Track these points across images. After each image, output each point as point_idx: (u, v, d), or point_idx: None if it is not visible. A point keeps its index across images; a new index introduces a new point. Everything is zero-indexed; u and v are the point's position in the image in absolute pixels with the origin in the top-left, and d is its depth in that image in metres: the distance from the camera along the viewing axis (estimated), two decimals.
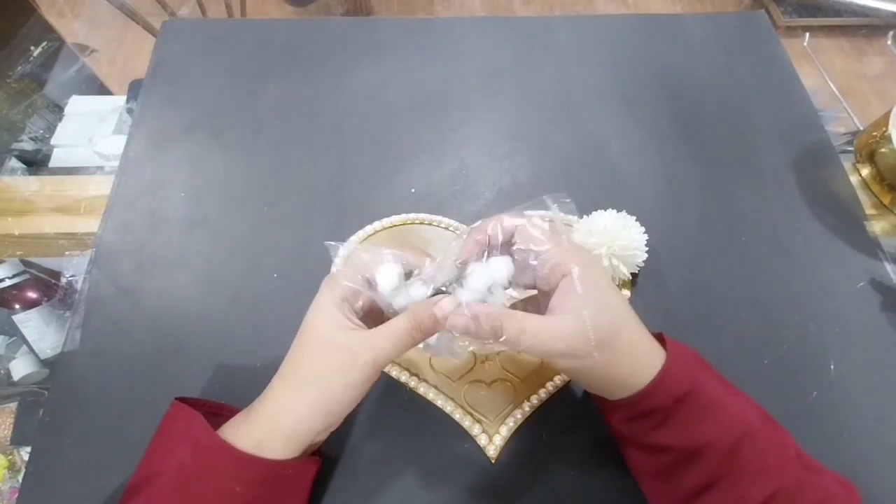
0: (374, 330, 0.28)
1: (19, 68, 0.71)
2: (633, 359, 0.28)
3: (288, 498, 0.29)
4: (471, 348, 0.31)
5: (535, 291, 0.31)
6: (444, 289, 0.30)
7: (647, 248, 0.40)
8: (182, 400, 0.31)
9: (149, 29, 0.95)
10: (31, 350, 0.55)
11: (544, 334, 0.27)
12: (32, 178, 0.53)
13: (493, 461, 0.35)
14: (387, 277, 0.29)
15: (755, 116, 0.53)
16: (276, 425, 0.28)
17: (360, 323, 0.29)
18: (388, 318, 0.29)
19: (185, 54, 0.56)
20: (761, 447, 0.27)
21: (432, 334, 0.29)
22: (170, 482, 0.27)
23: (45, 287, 0.55)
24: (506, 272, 0.29)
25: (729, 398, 0.28)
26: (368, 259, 0.30)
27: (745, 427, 0.27)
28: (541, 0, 1.82)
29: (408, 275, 0.30)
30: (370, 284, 0.30)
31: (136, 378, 0.38)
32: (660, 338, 0.30)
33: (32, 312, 0.55)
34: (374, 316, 0.31)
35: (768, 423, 0.28)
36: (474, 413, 0.37)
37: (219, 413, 0.31)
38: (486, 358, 0.39)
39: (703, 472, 0.27)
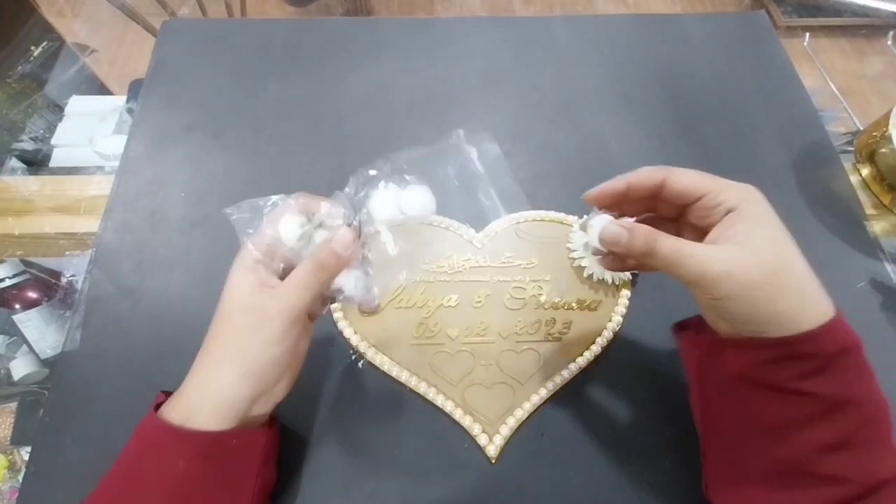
0: (281, 283, 0.28)
1: (19, 68, 0.71)
2: (801, 297, 0.26)
3: (238, 472, 0.28)
4: (377, 291, 0.31)
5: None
6: (349, 224, 0.30)
7: None
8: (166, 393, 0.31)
9: (149, 29, 0.95)
10: (31, 350, 0.55)
11: (705, 256, 0.26)
12: (32, 177, 0.53)
13: (493, 461, 0.35)
14: (289, 228, 0.29)
15: (755, 116, 0.53)
16: (202, 398, 0.27)
17: (279, 282, 0.29)
18: None
19: (185, 54, 0.56)
20: (893, 425, 0.26)
21: (337, 271, 0.29)
22: (119, 471, 0.27)
23: (45, 287, 0.55)
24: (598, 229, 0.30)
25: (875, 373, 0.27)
26: (274, 215, 0.30)
27: (887, 401, 0.26)
28: (541, 0, 1.82)
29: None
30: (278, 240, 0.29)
31: (136, 378, 0.38)
32: None
33: (32, 312, 0.55)
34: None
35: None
36: (474, 413, 0.37)
37: None
38: (486, 358, 0.39)
39: (838, 428, 0.25)
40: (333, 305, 0.41)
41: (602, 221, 0.30)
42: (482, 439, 0.36)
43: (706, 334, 0.30)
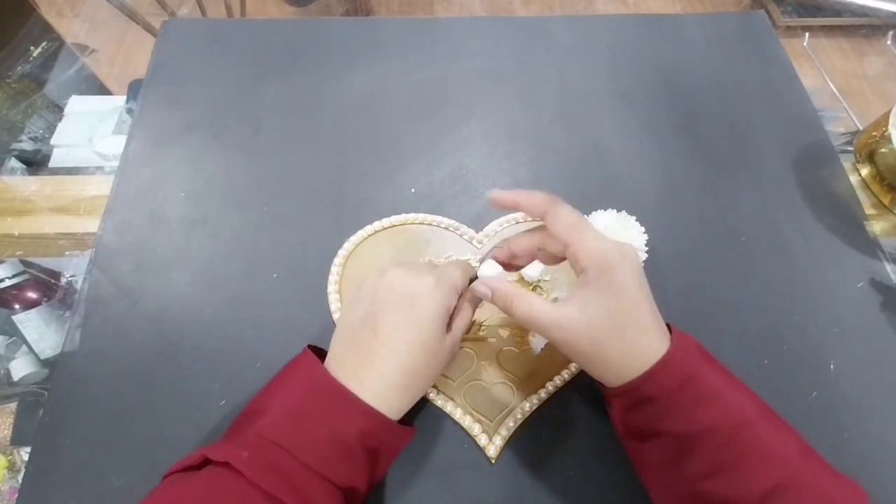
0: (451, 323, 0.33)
1: (19, 68, 0.71)
2: (630, 355, 0.28)
3: (381, 459, 0.30)
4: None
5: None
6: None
7: (647, 248, 0.40)
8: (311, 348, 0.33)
9: (149, 29, 0.95)
10: (31, 350, 0.55)
11: (546, 321, 0.29)
12: (32, 178, 0.53)
13: (493, 461, 0.35)
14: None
15: (755, 116, 0.53)
16: (371, 383, 0.30)
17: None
18: None
19: (185, 54, 0.56)
20: (762, 437, 0.27)
21: (479, 301, 0.34)
22: (287, 414, 0.29)
23: (45, 287, 0.55)
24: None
25: (729, 388, 0.29)
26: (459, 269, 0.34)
27: (743, 416, 0.27)
28: (541, 0, 1.82)
29: None
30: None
31: (136, 378, 0.38)
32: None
33: (32, 312, 0.55)
34: None
35: (769, 415, 0.29)
36: (474, 413, 0.37)
37: None
38: (486, 358, 0.39)
39: (703, 459, 0.27)
40: (333, 306, 0.41)
41: (488, 269, 0.33)
42: (482, 439, 0.36)
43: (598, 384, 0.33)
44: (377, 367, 0.30)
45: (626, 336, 0.28)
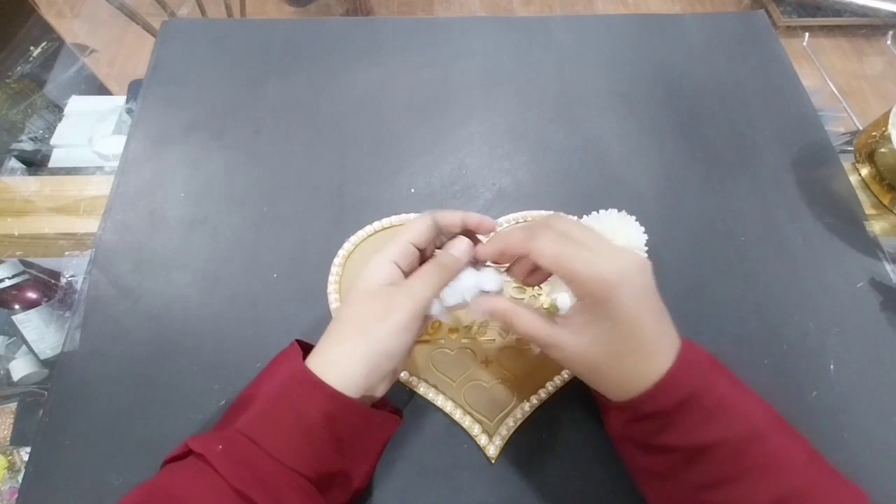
0: (407, 279, 0.32)
1: (19, 68, 0.71)
2: (629, 378, 0.28)
3: (359, 444, 0.30)
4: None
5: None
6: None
7: (647, 248, 0.40)
8: (300, 343, 0.33)
9: (148, 29, 0.95)
10: (31, 350, 0.55)
11: (544, 341, 0.29)
12: (32, 178, 0.53)
13: (493, 461, 0.35)
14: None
15: (755, 116, 0.53)
16: (331, 364, 0.29)
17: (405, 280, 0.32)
18: None
19: (185, 54, 0.56)
20: (770, 449, 0.27)
21: (455, 273, 0.32)
22: (263, 405, 0.29)
23: (45, 287, 0.55)
24: (493, 286, 0.32)
25: (738, 399, 0.28)
26: (412, 226, 0.32)
27: (752, 428, 0.27)
28: (540, 0, 1.82)
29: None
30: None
31: (136, 378, 0.38)
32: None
33: (32, 313, 0.55)
34: None
35: (779, 425, 0.28)
36: (474, 413, 0.37)
37: None
38: (486, 358, 0.39)
39: (708, 471, 0.27)
40: (333, 306, 0.41)
41: (487, 278, 0.32)
42: (482, 439, 0.36)
43: (598, 394, 0.33)
44: (336, 346, 0.30)
45: (624, 362, 0.28)
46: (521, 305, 0.31)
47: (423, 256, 0.33)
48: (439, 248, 0.34)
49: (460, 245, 0.33)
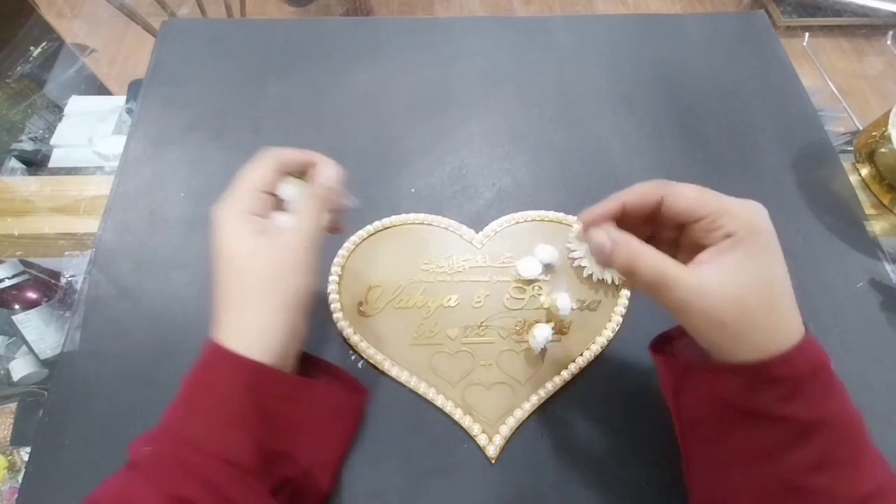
0: (284, 221, 0.30)
1: (19, 68, 0.71)
2: (773, 325, 0.26)
3: (294, 416, 0.30)
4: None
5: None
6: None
7: None
8: None
9: (148, 29, 0.95)
10: (31, 350, 0.55)
11: (685, 285, 0.25)
12: (32, 178, 0.53)
13: (493, 461, 0.35)
14: (287, 188, 0.32)
15: (755, 116, 0.53)
16: (242, 334, 0.28)
17: (277, 225, 0.30)
18: None
19: (185, 54, 0.56)
20: (869, 438, 0.26)
21: (333, 203, 0.32)
22: (184, 392, 0.28)
23: (45, 287, 0.55)
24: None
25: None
26: (250, 167, 0.32)
27: (858, 414, 0.26)
28: (541, 0, 1.83)
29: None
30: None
31: (136, 378, 0.38)
32: None
33: (32, 313, 0.55)
34: None
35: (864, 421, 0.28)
36: (474, 413, 0.37)
37: None
38: (486, 358, 0.39)
39: (817, 450, 0.25)
40: (333, 306, 0.41)
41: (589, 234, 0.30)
42: (482, 439, 0.36)
43: (680, 358, 0.30)
44: (242, 312, 0.28)
45: (778, 306, 0.26)
46: (640, 241, 0.27)
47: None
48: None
49: (326, 171, 0.31)
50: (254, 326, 0.28)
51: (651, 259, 0.26)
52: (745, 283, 0.25)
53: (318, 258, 0.31)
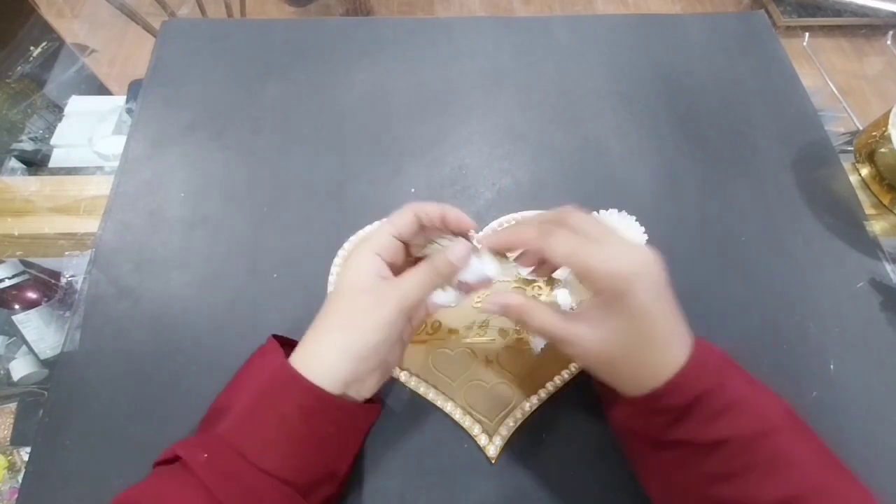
0: (398, 276, 0.31)
1: (19, 68, 0.71)
2: (648, 363, 0.28)
3: (339, 437, 0.30)
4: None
5: None
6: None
7: None
8: (276, 338, 0.34)
9: (148, 29, 0.95)
10: (31, 350, 0.55)
11: (560, 336, 0.29)
12: (32, 178, 0.53)
13: (493, 461, 0.35)
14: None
15: (755, 116, 0.53)
16: (314, 361, 0.29)
17: (391, 275, 0.31)
18: None
19: (185, 54, 0.56)
20: (781, 446, 0.27)
21: (449, 279, 0.31)
22: (245, 406, 0.29)
23: (45, 287, 0.55)
24: (493, 273, 0.32)
25: (751, 396, 0.28)
26: (395, 217, 0.32)
27: (764, 425, 0.27)
28: (540, 0, 1.83)
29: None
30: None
31: (136, 378, 0.38)
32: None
33: (32, 313, 0.55)
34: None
35: (793, 422, 0.28)
36: (474, 413, 0.37)
37: None
38: (486, 358, 0.39)
39: (718, 465, 0.27)
40: None
41: (479, 270, 0.32)
42: (482, 439, 0.36)
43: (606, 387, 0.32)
44: (320, 339, 0.30)
45: (640, 357, 0.28)
46: (535, 301, 0.31)
47: (408, 251, 0.33)
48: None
49: (459, 250, 0.31)
50: (325, 359, 0.29)
51: (535, 314, 0.30)
52: (605, 338, 0.28)
53: (407, 325, 0.32)
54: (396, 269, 0.32)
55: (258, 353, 0.34)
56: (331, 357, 0.29)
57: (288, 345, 0.33)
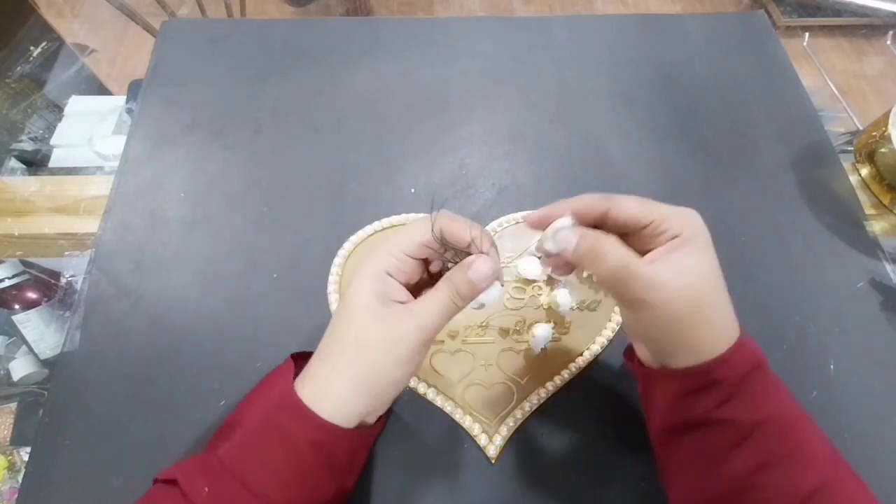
0: (416, 300, 0.28)
1: (19, 68, 0.71)
2: (716, 326, 0.27)
3: (346, 460, 0.29)
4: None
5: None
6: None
7: None
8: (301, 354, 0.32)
9: (148, 29, 0.95)
10: (31, 350, 0.55)
11: (644, 278, 0.26)
12: (32, 178, 0.53)
13: (493, 461, 0.35)
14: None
15: (755, 116, 0.53)
16: (322, 397, 0.27)
17: (409, 295, 0.28)
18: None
19: (185, 54, 0.56)
20: (810, 435, 0.27)
21: (473, 298, 0.28)
22: (249, 430, 0.28)
23: (45, 287, 0.55)
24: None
25: (782, 382, 0.28)
26: (420, 226, 0.28)
27: (798, 411, 0.27)
28: (540, 0, 1.82)
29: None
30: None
31: (135, 378, 0.38)
32: None
33: (32, 313, 0.55)
34: (423, 287, 0.30)
35: (808, 415, 0.28)
36: (474, 413, 0.37)
37: None
38: (486, 358, 0.39)
39: (758, 451, 0.26)
40: (333, 307, 0.41)
41: (560, 223, 0.29)
42: (482, 439, 0.36)
43: (645, 365, 0.31)
44: (333, 370, 0.27)
45: (722, 301, 0.27)
46: (609, 236, 0.27)
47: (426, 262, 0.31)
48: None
49: (483, 269, 0.27)
50: (338, 392, 0.27)
51: (616, 249, 0.27)
52: (697, 277, 0.26)
53: (426, 353, 0.29)
54: (413, 287, 0.30)
55: (273, 373, 0.32)
56: (344, 391, 0.27)
57: (305, 358, 0.30)
